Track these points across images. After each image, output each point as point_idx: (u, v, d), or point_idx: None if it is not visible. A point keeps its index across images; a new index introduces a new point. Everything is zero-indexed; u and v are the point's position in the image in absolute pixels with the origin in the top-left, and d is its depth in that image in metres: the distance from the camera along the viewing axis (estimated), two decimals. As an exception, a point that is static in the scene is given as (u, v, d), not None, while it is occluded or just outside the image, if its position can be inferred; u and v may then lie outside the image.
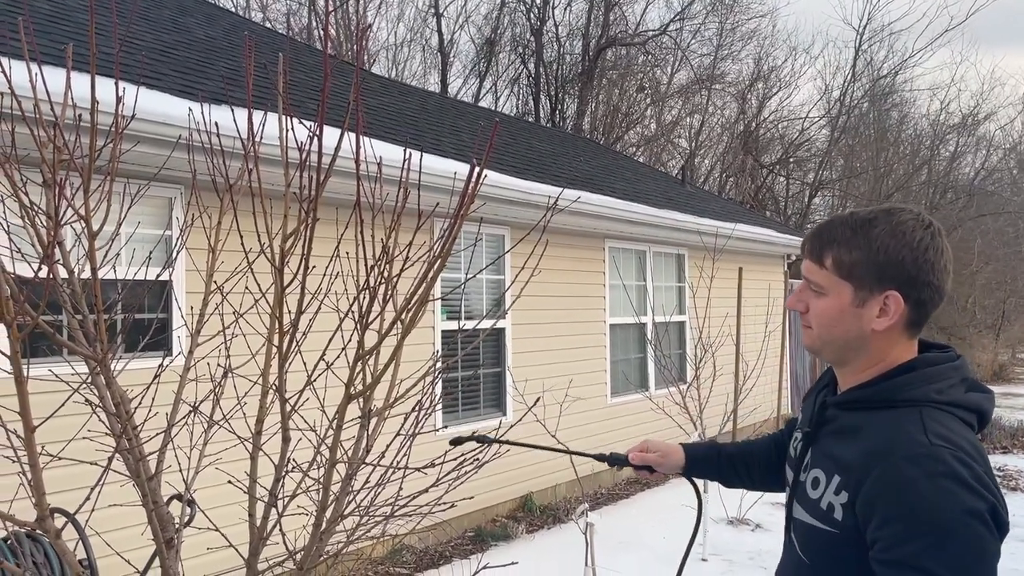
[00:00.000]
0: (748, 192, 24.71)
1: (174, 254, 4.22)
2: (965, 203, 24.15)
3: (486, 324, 7.13)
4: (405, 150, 2.19)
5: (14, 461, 1.79)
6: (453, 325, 6.70)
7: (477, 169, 1.81)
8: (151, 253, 3.88)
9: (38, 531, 1.76)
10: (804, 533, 1.56)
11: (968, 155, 26.76)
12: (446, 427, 6.57)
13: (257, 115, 3.64)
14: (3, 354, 1.64)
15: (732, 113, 25.52)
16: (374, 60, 22.21)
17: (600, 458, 2.06)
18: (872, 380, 1.53)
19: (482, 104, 22.48)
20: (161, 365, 2.37)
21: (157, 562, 2.22)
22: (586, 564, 4.47)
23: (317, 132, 1.82)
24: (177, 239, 4.52)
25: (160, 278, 4.44)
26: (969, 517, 1.32)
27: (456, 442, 2.01)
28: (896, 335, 1.52)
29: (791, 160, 25.52)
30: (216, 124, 2.34)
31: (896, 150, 26.44)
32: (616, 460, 2.04)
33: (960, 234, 22.57)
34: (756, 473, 2.01)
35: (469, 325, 6.72)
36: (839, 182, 25.80)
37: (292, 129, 2.03)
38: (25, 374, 1.59)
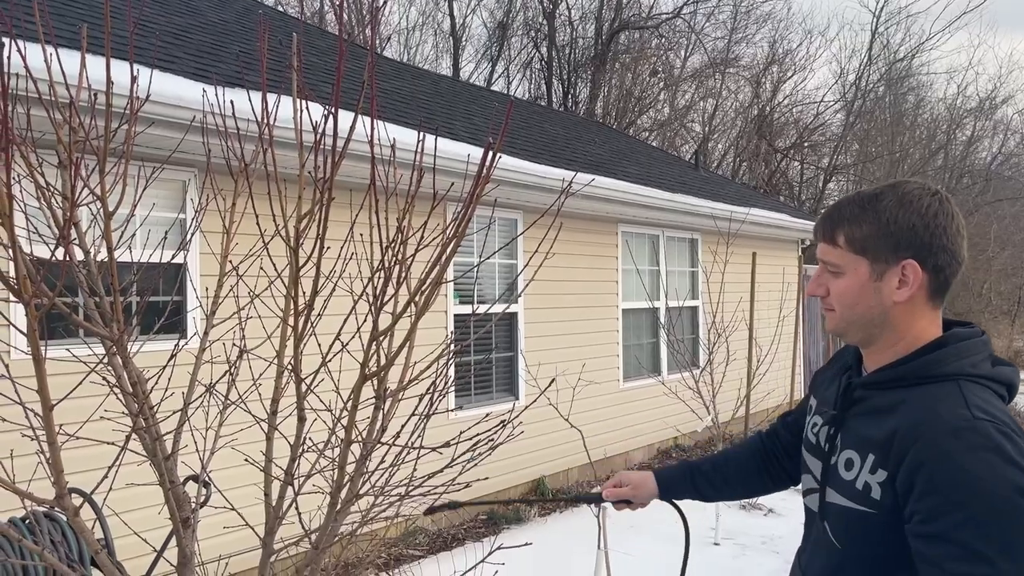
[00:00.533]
0: (762, 177, 24.57)
1: (188, 236, 4.24)
2: (982, 188, 23.95)
3: (498, 308, 7.13)
4: (419, 132, 2.18)
5: (32, 439, 1.81)
6: (466, 309, 6.71)
7: (493, 147, 1.80)
8: (167, 233, 3.89)
9: (56, 509, 1.77)
10: (839, 516, 1.53)
11: (985, 139, 26.54)
12: (461, 407, 6.60)
13: (271, 98, 3.64)
14: (21, 332, 1.65)
15: (746, 97, 25.36)
16: (386, 43, 22.16)
17: (575, 500, 2.09)
18: (905, 357, 1.50)
19: (494, 88, 22.41)
20: (177, 346, 2.38)
21: (174, 542, 2.24)
22: (599, 547, 4.49)
23: (332, 110, 1.82)
24: (191, 221, 4.54)
25: (175, 261, 4.46)
26: (1012, 492, 1.29)
27: (430, 511, 2.02)
28: (919, 307, 1.50)
29: (805, 144, 25.34)
30: (232, 102, 2.34)
31: (912, 134, 26.22)
32: (590, 499, 2.05)
33: (976, 219, 22.37)
34: (738, 483, 1.98)
35: (482, 309, 6.73)
36: (854, 167, 25.61)
37: (307, 109, 2.02)
38: (43, 353, 1.60)
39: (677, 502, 2.04)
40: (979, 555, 1.27)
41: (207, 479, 2.43)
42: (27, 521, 3.14)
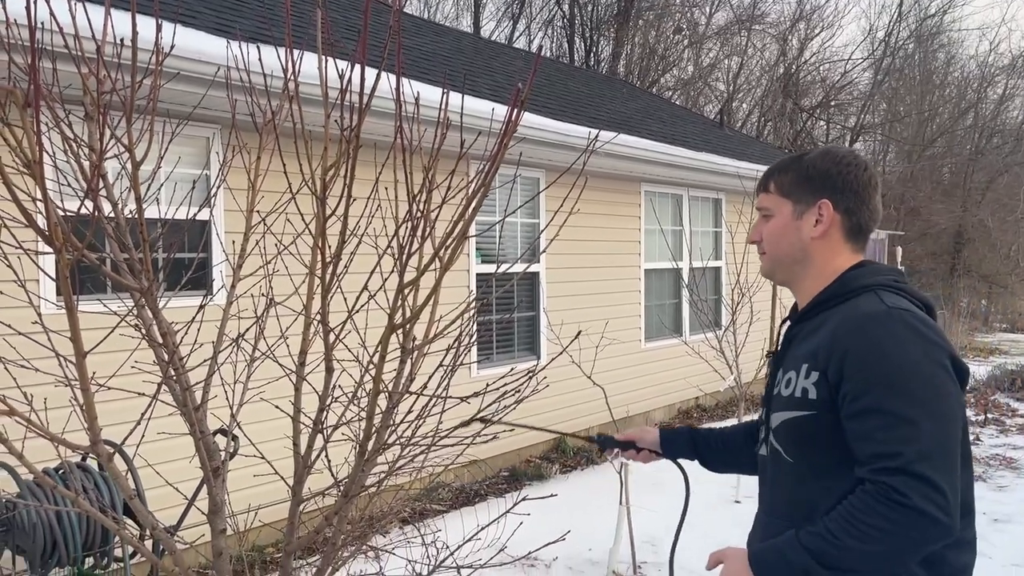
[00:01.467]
0: (787, 137, 24.23)
1: (213, 191, 4.26)
2: (1012, 148, 23.49)
3: (520, 267, 7.12)
4: (443, 88, 2.16)
5: (66, 385, 1.84)
6: (488, 268, 6.71)
7: (521, 94, 1.79)
8: (194, 183, 3.91)
9: (90, 456, 1.81)
10: (785, 432, 1.67)
11: (1017, 98, 25.92)
12: (487, 358, 6.63)
13: (295, 53, 3.61)
14: (51, 279, 1.67)
15: (772, 55, 24.93)
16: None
17: (589, 440, 2.33)
18: (828, 286, 1.70)
19: (515, 46, 22.14)
20: (205, 297, 2.40)
21: (204, 492, 2.28)
22: (620, 502, 4.53)
23: (359, 60, 1.81)
24: (216, 177, 4.55)
25: (200, 217, 4.48)
26: (927, 361, 1.49)
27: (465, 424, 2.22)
28: (836, 245, 1.72)
29: (832, 104, 24.93)
30: (259, 49, 2.33)
31: (942, 93, 25.71)
32: (603, 440, 2.29)
33: (1006, 180, 21.99)
34: (733, 455, 2.12)
35: (504, 268, 6.73)
36: (881, 126, 25.20)
37: (333, 61, 2.01)
38: (75, 301, 1.62)
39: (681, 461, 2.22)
40: (906, 419, 1.44)
41: (235, 435, 2.46)
42: (60, 471, 3.21)
